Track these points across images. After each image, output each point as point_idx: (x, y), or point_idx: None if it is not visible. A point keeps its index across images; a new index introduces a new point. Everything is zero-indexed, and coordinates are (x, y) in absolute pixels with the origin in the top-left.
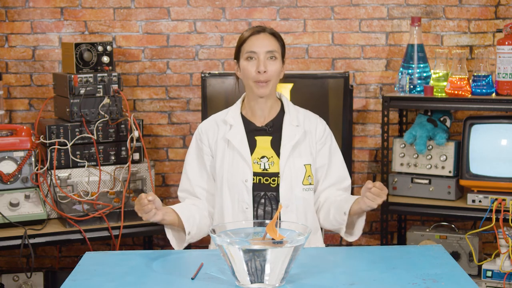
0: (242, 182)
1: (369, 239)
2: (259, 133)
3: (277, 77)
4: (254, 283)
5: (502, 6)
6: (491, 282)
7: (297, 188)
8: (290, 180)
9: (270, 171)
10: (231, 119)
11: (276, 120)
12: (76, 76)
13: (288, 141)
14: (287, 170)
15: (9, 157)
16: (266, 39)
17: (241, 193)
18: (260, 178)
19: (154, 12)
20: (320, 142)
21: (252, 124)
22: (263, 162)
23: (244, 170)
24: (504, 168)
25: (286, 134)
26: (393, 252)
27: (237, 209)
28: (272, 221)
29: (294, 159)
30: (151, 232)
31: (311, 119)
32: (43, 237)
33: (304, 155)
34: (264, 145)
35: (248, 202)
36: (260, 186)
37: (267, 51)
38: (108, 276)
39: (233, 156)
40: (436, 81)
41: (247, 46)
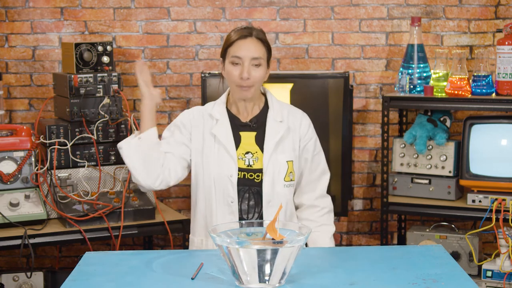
0: (227, 177)
1: (369, 239)
2: (243, 129)
3: (260, 82)
4: (254, 283)
5: (502, 6)
6: (491, 282)
7: (279, 184)
8: (273, 176)
9: (254, 167)
10: (217, 114)
11: (260, 115)
12: (76, 76)
13: (271, 137)
14: (270, 166)
15: (9, 157)
16: (252, 44)
17: (226, 187)
18: (245, 174)
19: (154, 12)
20: (305, 138)
21: (237, 119)
22: (248, 158)
23: (229, 166)
24: (504, 168)
25: (270, 130)
26: (393, 252)
27: (223, 203)
28: (272, 221)
29: (277, 156)
30: (151, 232)
31: (295, 115)
32: (43, 237)
33: (287, 151)
34: (249, 141)
35: (233, 196)
36: (244, 181)
37: (252, 57)
38: (108, 276)
39: (218, 150)
40: (436, 81)
41: (232, 50)
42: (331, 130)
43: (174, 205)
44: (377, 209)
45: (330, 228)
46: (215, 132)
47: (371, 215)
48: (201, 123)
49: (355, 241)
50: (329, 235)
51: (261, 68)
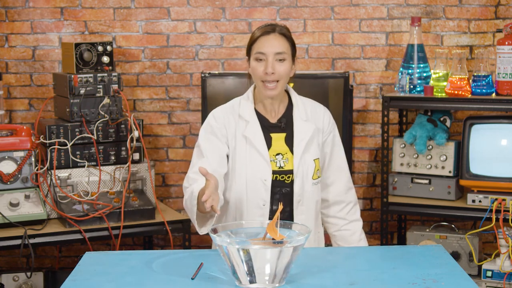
0: (261, 180)
1: (369, 239)
2: (273, 130)
3: (286, 77)
4: (254, 283)
5: (502, 6)
6: (491, 282)
7: (307, 183)
8: (302, 176)
9: (285, 169)
10: (246, 115)
11: (286, 114)
12: (76, 76)
13: (301, 139)
14: (301, 168)
15: (9, 157)
16: (276, 40)
17: (259, 190)
18: (277, 176)
19: (154, 12)
20: (325, 132)
21: (266, 120)
22: (278, 159)
23: (264, 169)
24: (504, 168)
25: (298, 131)
26: (393, 252)
27: (255, 205)
28: (272, 221)
29: (305, 156)
30: (151, 232)
31: (318, 111)
32: (43, 237)
33: (313, 150)
34: (279, 142)
35: (265, 199)
36: (276, 183)
37: (275, 52)
38: (108, 276)
39: (251, 153)
40: (436, 81)
41: (256, 47)
42: None
43: (174, 205)
44: (377, 209)
45: (359, 223)
46: (248, 135)
47: (371, 215)
48: (233, 123)
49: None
50: (360, 230)
51: (285, 63)
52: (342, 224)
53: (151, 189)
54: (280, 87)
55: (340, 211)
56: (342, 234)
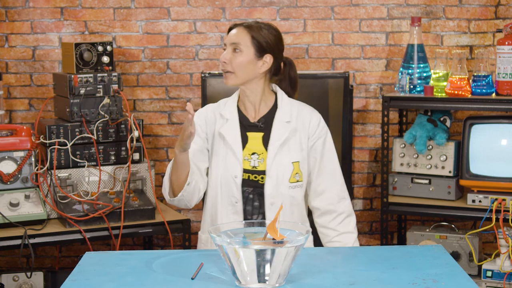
0: (232, 178)
1: (369, 239)
2: (251, 129)
3: (243, 70)
4: (254, 283)
5: (502, 6)
6: (491, 282)
7: (283, 186)
8: (276, 178)
9: (258, 169)
10: (227, 113)
11: (268, 115)
12: (76, 76)
13: (276, 139)
14: (274, 168)
15: (9, 157)
16: (237, 31)
17: (231, 188)
18: (249, 175)
19: (154, 12)
20: (313, 137)
21: (245, 119)
22: (253, 159)
23: (234, 167)
24: (504, 168)
25: (275, 132)
26: (393, 252)
27: (228, 203)
28: (272, 221)
29: (281, 157)
30: (151, 232)
31: (305, 113)
32: (43, 237)
33: (293, 152)
34: (255, 142)
35: (237, 196)
36: (249, 182)
37: (231, 43)
38: (108, 276)
39: (226, 151)
40: (436, 81)
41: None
42: (331, 130)
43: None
44: (377, 209)
45: (352, 235)
46: (223, 132)
47: (371, 215)
48: (213, 121)
49: None
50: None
51: (241, 54)
52: (333, 235)
53: (151, 189)
54: (237, 79)
55: (331, 222)
56: (333, 246)
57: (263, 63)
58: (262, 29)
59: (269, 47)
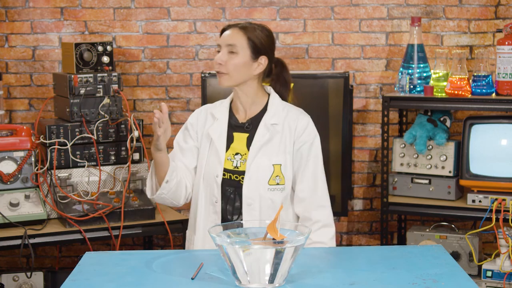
0: (214, 176)
1: (369, 239)
2: (237, 130)
3: (238, 72)
4: (254, 283)
5: (502, 6)
6: (491, 282)
7: (262, 187)
8: (256, 179)
9: (240, 169)
10: (218, 113)
11: (256, 117)
12: (76, 76)
13: (257, 140)
14: (253, 169)
15: (9, 157)
16: (232, 32)
17: (212, 187)
18: (230, 175)
19: (154, 12)
20: (299, 140)
21: (235, 119)
22: (237, 159)
23: (216, 166)
24: (504, 168)
25: (258, 133)
26: (393, 252)
27: (208, 202)
28: (273, 221)
29: (261, 159)
30: (151, 232)
31: (292, 116)
32: (43, 237)
33: (274, 155)
34: (240, 142)
35: (217, 196)
36: (230, 182)
37: (227, 44)
38: (108, 276)
39: (210, 150)
40: (436, 81)
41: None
42: (331, 130)
43: None
44: (377, 209)
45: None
46: (210, 132)
47: (371, 215)
48: (204, 121)
49: (355, 241)
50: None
51: (237, 56)
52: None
53: None
54: (231, 80)
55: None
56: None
57: (258, 65)
58: (257, 30)
59: (264, 49)
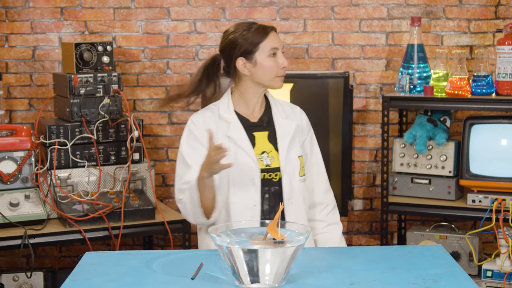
0: (250, 180)
1: (369, 239)
2: (256, 129)
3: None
4: (254, 283)
5: (502, 6)
6: (491, 282)
7: (295, 180)
8: (290, 173)
9: (272, 166)
10: (228, 116)
11: (266, 114)
12: (76, 76)
13: (284, 136)
14: (288, 164)
15: (9, 157)
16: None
17: (248, 190)
18: (265, 174)
19: (154, 12)
20: (304, 133)
21: (246, 120)
22: (264, 157)
23: (251, 168)
24: (504, 168)
25: (280, 128)
26: (393, 252)
27: (244, 207)
28: (273, 220)
29: (291, 153)
30: (151, 232)
31: (296, 111)
32: (43, 237)
33: (297, 147)
34: (263, 141)
35: (255, 199)
36: (265, 182)
37: (282, 47)
38: (108, 276)
39: (236, 153)
40: (436, 81)
41: (270, 43)
42: (331, 130)
43: (174, 205)
44: (377, 209)
45: (339, 227)
46: (231, 135)
47: (371, 215)
48: (214, 126)
49: (355, 241)
50: (339, 235)
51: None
52: (321, 226)
53: (151, 189)
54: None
55: (319, 213)
56: (322, 237)
57: None
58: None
59: None
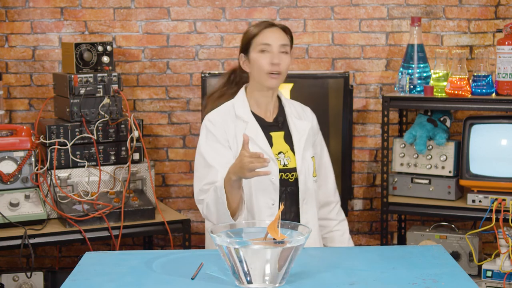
0: (269, 179)
1: (369, 239)
2: (272, 129)
3: (286, 71)
4: (254, 283)
5: (502, 6)
6: (491, 282)
7: (309, 181)
8: (307, 173)
9: (289, 167)
10: (244, 116)
11: (280, 114)
12: (76, 76)
13: (300, 136)
14: (304, 165)
15: (9, 157)
16: (279, 32)
17: (267, 190)
18: (282, 174)
19: (154, 12)
20: (316, 133)
21: (262, 119)
22: (281, 158)
23: (270, 168)
24: (504, 168)
25: (295, 129)
26: (393, 252)
27: (264, 206)
28: (273, 220)
29: (306, 153)
30: (151, 232)
31: (307, 111)
32: (43, 237)
33: (310, 148)
34: (279, 141)
35: (274, 198)
36: (283, 182)
37: (280, 44)
38: (108, 276)
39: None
40: (436, 81)
41: (260, 39)
42: (331, 130)
43: (174, 205)
44: (377, 209)
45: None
46: (250, 134)
47: (371, 215)
48: (232, 125)
49: (355, 241)
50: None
51: (288, 56)
52: (333, 225)
53: (151, 189)
54: (281, 80)
55: (330, 212)
56: (333, 235)
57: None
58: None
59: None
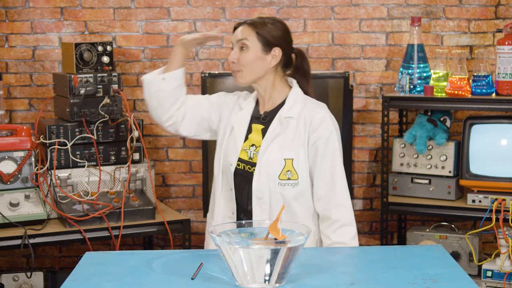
0: (229, 164)
1: (369, 239)
2: (256, 121)
3: (252, 67)
4: (254, 283)
5: (502, 6)
6: (491, 282)
7: (272, 181)
8: (266, 172)
9: (253, 161)
10: (245, 103)
11: (274, 110)
12: (76, 76)
13: (270, 133)
14: (263, 162)
15: (9, 157)
16: (240, 29)
17: (227, 174)
18: (244, 165)
19: (154, 12)
20: (314, 135)
21: (257, 111)
22: (251, 150)
23: (232, 155)
24: (504, 168)
25: (272, 126)
26: (393, 252)
27: (226, 188)
28: (274, 220)
29: (272, 152)
30: (151, 232)
31: (308, 110)
32: (43, 237)
33: (286, 149)
34: (256, 134)
35: (231, 184)
36: (243, 173)
37: (237, 40)
38: (108, 276)
39: (229, 138)
40: (436, 81)
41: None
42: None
43: (174, 205)
44: (377, 209)
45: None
46: (233, 121)
47: (371, 215)
48: (231, 109)
49: None
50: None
51: (248, 51)
52: (327, 243)
53: (151, 189)
54: (246, 75)
55: (327, 228)
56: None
57: (272, 57)
58: (267, 23)
59: (275, 40)
